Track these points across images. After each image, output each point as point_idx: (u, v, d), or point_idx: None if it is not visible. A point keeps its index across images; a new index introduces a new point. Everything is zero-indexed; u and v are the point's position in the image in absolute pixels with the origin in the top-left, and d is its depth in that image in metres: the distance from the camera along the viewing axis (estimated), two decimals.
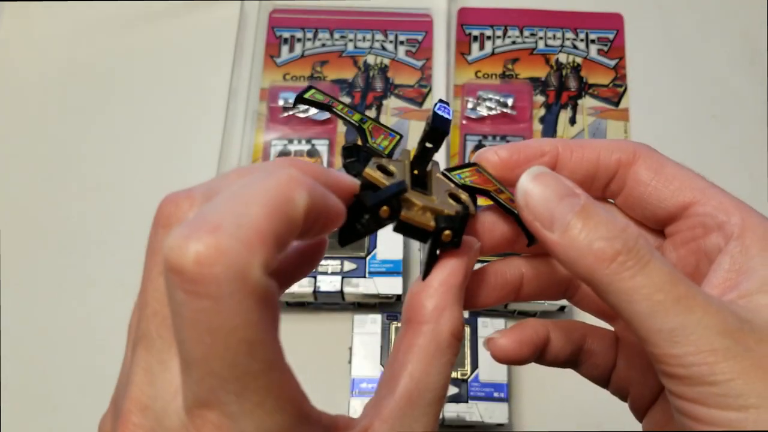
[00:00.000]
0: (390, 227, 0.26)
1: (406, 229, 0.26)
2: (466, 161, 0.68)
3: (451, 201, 0.27)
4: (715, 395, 0.23)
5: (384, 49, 0.74)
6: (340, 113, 0.28)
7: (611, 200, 0.29)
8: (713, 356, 0.23)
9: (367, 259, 0.59)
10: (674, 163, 0.28)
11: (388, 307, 0.62)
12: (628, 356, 0.32)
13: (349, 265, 0.59)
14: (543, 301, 0.59)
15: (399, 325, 0.58)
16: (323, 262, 0.59)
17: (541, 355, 0.30)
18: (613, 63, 0.73)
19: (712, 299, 0.24)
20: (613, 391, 0.32)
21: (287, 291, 0.55)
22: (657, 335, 0.23)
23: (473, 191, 0.28)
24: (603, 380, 0.32)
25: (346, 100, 0.71)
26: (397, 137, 0.28)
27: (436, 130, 0.26)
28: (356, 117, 0.28)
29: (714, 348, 0.23)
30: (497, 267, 0.30)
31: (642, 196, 0.28)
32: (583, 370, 0.32)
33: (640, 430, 0.32)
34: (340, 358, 0.58)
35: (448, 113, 0.27)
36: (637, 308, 0.23)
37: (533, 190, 0.25)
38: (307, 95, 0.28)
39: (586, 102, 0.72)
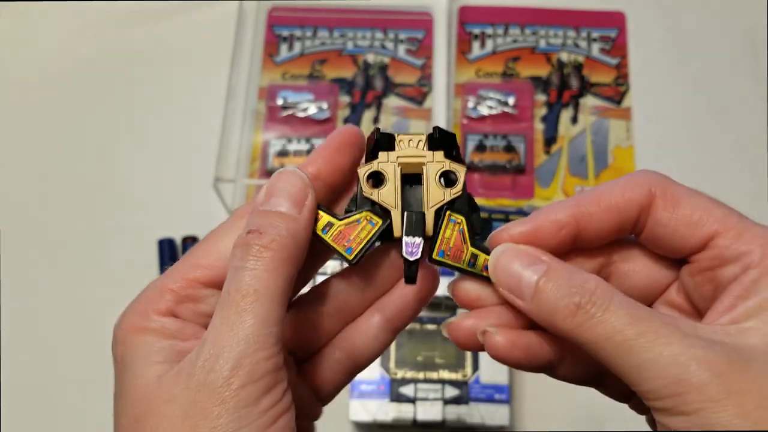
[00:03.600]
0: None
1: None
2: (467, 160, 0.68)
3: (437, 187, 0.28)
4: (693, 425, 0.23)
5: (384, 47, 0.73)
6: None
7: (633, 237, 0.29)
8: (681, 387, 0.23)
9: None
10: (690, 192, 0.28)
11: None
12: None
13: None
14: None
15: None
16: None
17: (550, 370, 0.29)
18: (615, 61, 0.73)
19: (679, 330, 0.24)
20: (633, 408, 0.32)
21: None
22: (629, 374, 0.24)
23: (447, 267, 0.28)
24: (624, 399, 0.31)
25: (346, 98, 0.71)
26: (375, 227, 0.28)
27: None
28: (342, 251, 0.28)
29: (680, 378, 0.23)
30: None
31: (663, 236, 0.28)
32: (604, 390, 0.31)
33: (640, 430, 0.31)
34: None
35: (414, 253, 0.27)
36: (605, 353, 0.25)
37: (499, 265, 0.27)
38: (319, 228, 0.28)
39: (588, 101, 0.71)
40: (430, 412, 0.55)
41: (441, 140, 0.28)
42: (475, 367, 0.56)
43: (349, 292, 0.31)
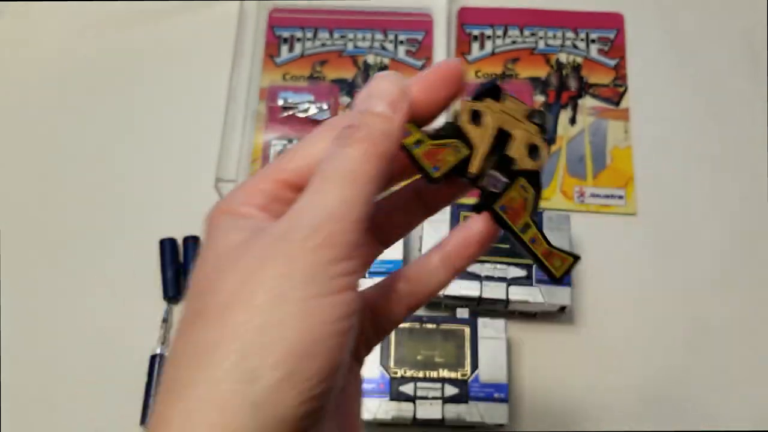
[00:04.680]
0: None
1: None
2: None
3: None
4: None
5: (384, 48, 0.74)
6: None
7: None
8: None
9: None
10: None
11: None
12: None
13: None
14: (543, 302, 0.59)
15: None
16: None
17: None
18: (613, 63, 0.73)
19: None
20: None
21: None
22: None
23: (501, 223, 0.29)
24: None
25: (346, 99, 0.71)
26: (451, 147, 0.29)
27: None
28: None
29: None
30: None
31: None
32: None
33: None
34: None
35: (498, 187, 0.29)
36: None
37: None
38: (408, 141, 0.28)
39: (587, 102, 0.71)
40: (429, 410, 0.55)
41: (539, 120, 0.30)
42: (475, 366, 0.57)
43: (410, 198, 0.32)
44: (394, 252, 0.60)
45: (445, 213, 0.61)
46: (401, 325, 0.57)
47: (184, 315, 0.26)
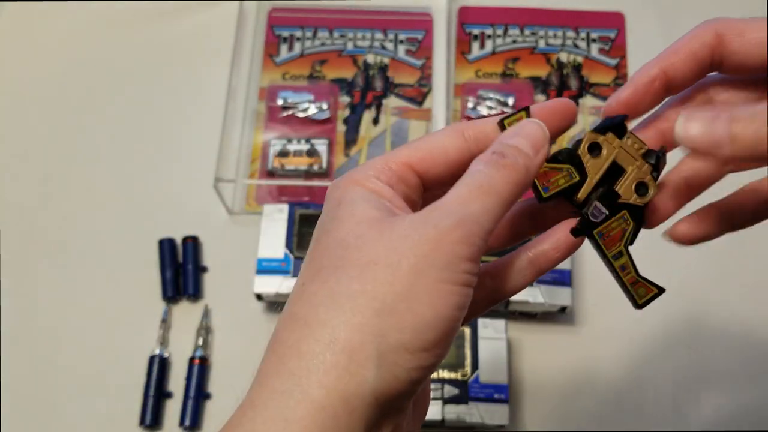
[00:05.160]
0: None
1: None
2: None
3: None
4: None
5: (384, 48, 0.73)
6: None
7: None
8: None
9: None
10: (752, 20, 0.32)
11: None
12: None
13: None
14: (543, 302, 0.58)
15: None
16: None
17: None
18: (614, 62, 0.73)
19: None
20: None
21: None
22: None
23: (595, 246, 0.32)
24: None
25: (346, 99, 0.71)
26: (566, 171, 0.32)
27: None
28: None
29: None
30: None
31: (740, 62, 0.32)
32: None
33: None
34: None
35: (597, 217, 0.32)
36: None
37: (688, 132, 0.29)
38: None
39: (587, 101, 0.71)
40: (429, 411, 0.55)
41: (653, 160, 0.33)
42: (475, 366, 0.57)
43: (524, 214, 0.35)
44: None
45: None
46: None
47: (314, 264, 0.28)
